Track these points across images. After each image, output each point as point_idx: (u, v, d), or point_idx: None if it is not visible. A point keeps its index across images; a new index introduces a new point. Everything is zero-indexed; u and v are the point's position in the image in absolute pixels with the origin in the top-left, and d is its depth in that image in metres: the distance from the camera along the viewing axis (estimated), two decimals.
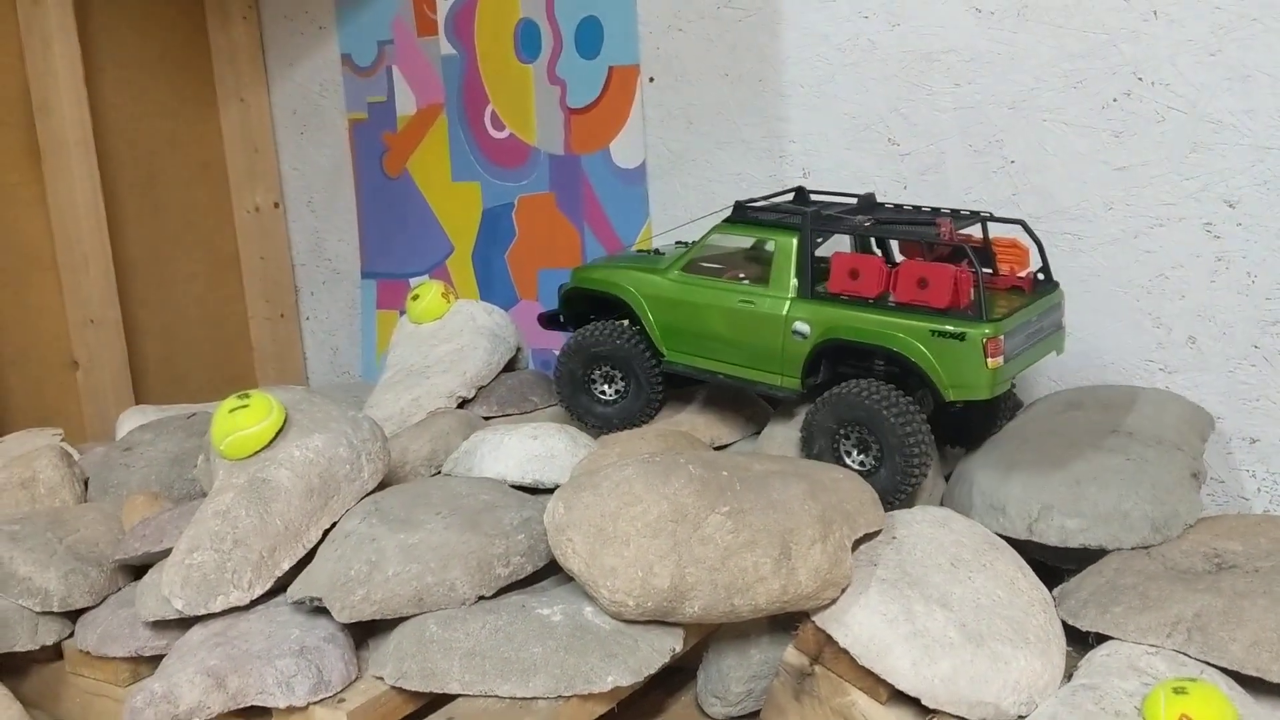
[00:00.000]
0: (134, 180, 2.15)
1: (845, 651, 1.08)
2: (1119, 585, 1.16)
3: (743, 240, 1.44)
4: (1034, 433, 1.39)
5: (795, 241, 1.31)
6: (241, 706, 1.06)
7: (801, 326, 1.30)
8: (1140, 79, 1.49)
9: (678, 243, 1.60)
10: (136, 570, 1.35)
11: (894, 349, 1.23)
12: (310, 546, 1.19)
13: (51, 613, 1.28)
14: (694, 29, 1.78)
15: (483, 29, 2.00)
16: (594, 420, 1.46)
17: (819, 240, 1.33)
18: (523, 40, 1.96)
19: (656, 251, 1.54)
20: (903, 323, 1.23)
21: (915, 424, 1.23)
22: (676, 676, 1.27)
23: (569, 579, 1.17)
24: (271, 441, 1.22)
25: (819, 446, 1.28)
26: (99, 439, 2.01)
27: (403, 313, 1.79)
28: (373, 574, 1.10)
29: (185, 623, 1.18)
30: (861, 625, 1.07)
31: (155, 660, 1.21)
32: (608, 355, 1.43)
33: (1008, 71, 1.56)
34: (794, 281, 1.31)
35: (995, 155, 1.59)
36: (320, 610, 1.13)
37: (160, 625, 1.19)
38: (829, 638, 1.09)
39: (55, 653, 1.30)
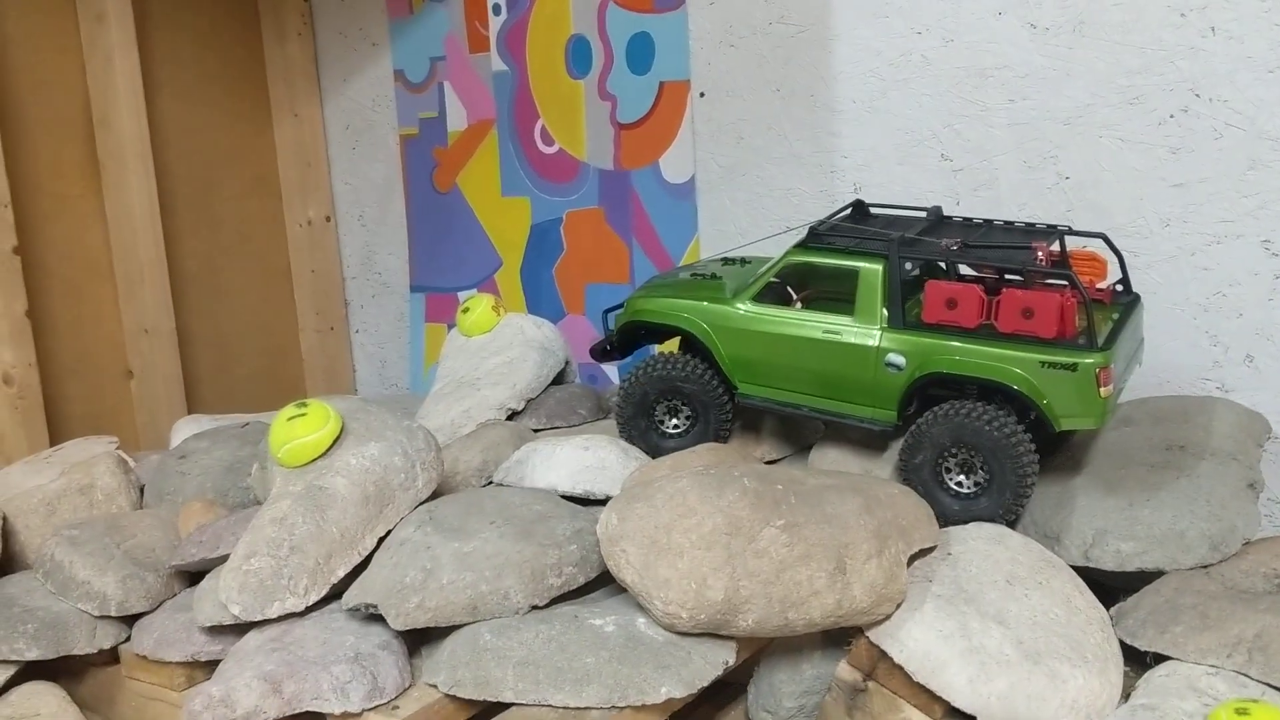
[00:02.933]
0: (190, 193, 2.18)
1: (900, 668, 1.07)
2: (1178, 605, 1.14)
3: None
4: (1086, 454, 1.37)
5: (882, 269, 1.26)
6: (297, 712, 1.06)
7: (896, 359, 1.25)
8: (1198, 95, 1.47)
9: (725, 259, 1.58)
10: (192, 576, 1.36)
11: (1004, 382, 1.19)
12: (365, 554, 1.20)
13: (109, 617, 1.29)
14: (745, 44, 1.79)
15: (534, 45, 2.02)
16: (658, 454, 1.39)
17: (908, 268, 1.27)
18: (574, 56, 1.97)
19: (713, 276, 1.47)
20: (1011, 354, 1.19)
21: (1030, 452, 1.20)
22: (726, 690, 1.27)
23: (620, 590, 1.17)
24: (328, 450, 1.24)
25: (923, 460, 1.24)
26: (152, 447, 2.04)
27: (452, 325, 1.80)
28: (428, 582, 1.10)
29: (241, 628, 1.19)
30: (917, 641, 1.06)
31: (211, 665, 1.23)
32: (674, 389, 1.38)
33: (1063, 87, 1.55)
34: (883, 311, 1.26)
35: (1050, 171, 1.58)
36: (375, 617, 1.14)
37: (216, 630, 1.21)
38: (883, 653, 1.09)
39: (111, 656, 1.31)
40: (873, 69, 1.69)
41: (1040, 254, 1.23)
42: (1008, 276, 1.25)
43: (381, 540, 1.21)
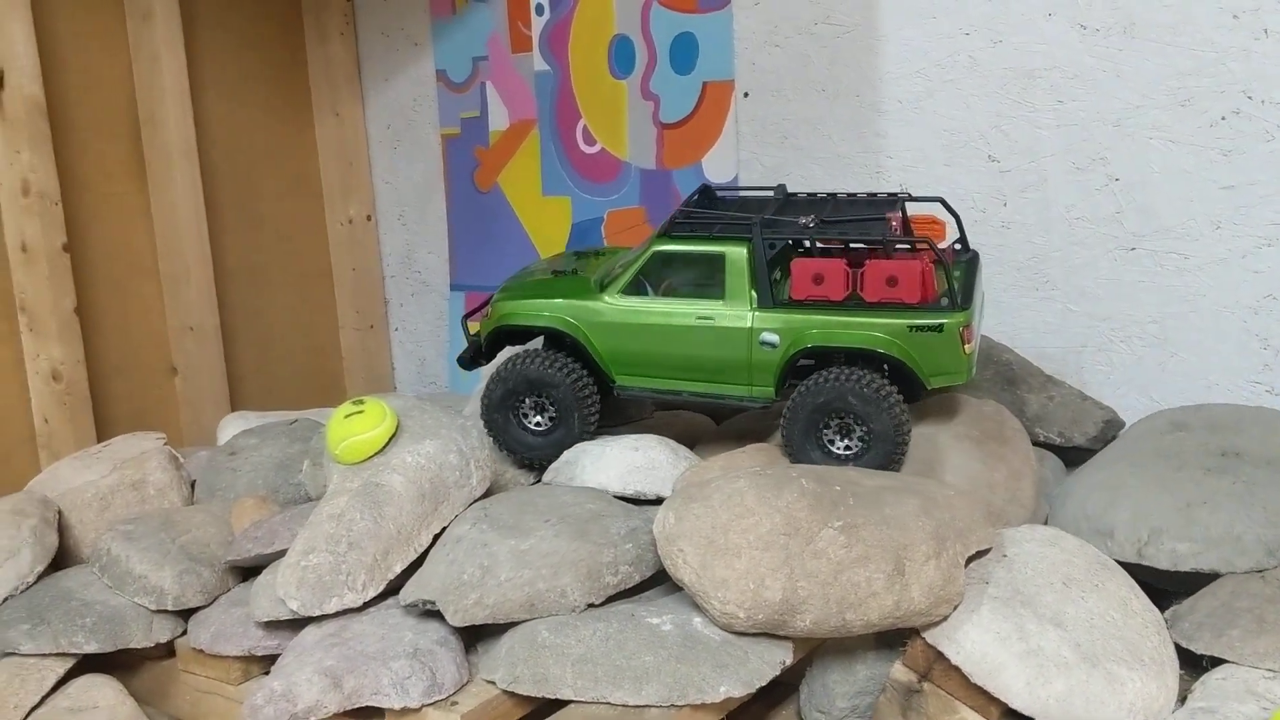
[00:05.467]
0: (233, 192, 2.20)
1: (956, 669, 1.07)
2: (1234, 608, 1.14)
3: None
4: (1140, 454, 1.37)
5: (746, 251, 1.30)
6: (356, 706, 1.07)
7: (770, 337, 1.29)
8: (1250, 97, 1.46)
9: (578, 253, 1.57)
10: (244, 571, 1.38)
11: (877, 349, 1.25)
12: (421, 550, 1.21)
13: (165, 611, 1.31)
14: (790, 45, 1.79)
15: (577, 45, 2.02)
16: (523, 451, 1.40)
17: (770, 248, 1.30)
18: (616, 56, 1.98)
19: (574, 271, 1.46)
20: (880, 322, 1.25)
21: (901, 407, 1.26)
22: (777, 690, 1.27)
23: (674, 588, 1.18)
24: (384, 447, 1.25)
25: (798, 434, 1.29)
26: (196, 443, 2.06)
27: None
28: (485, 579, 1.11)
29: (297, 623, 1.20)
30: (974, 643, 1.06)
31: (267, 659, 1.24)
32: (541, 386, 1.37)
33: (1113, 89, 1.55)
34: (752, 292, 1.30)
35: (1099, 173, 1.57)
36: (431, 613, 1.15)
37: (272, 625, 1.22)
38: (939, 654, 1.09)
39: (166, 650, 1.33)
40: (919, 69, 1.68)
41: (894, 223, 1.29)
42: (860, 246, 1.34)
43: (437, 537, 1.22)
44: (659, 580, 1.19)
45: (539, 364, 1.36)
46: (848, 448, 1.29)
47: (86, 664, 1.30)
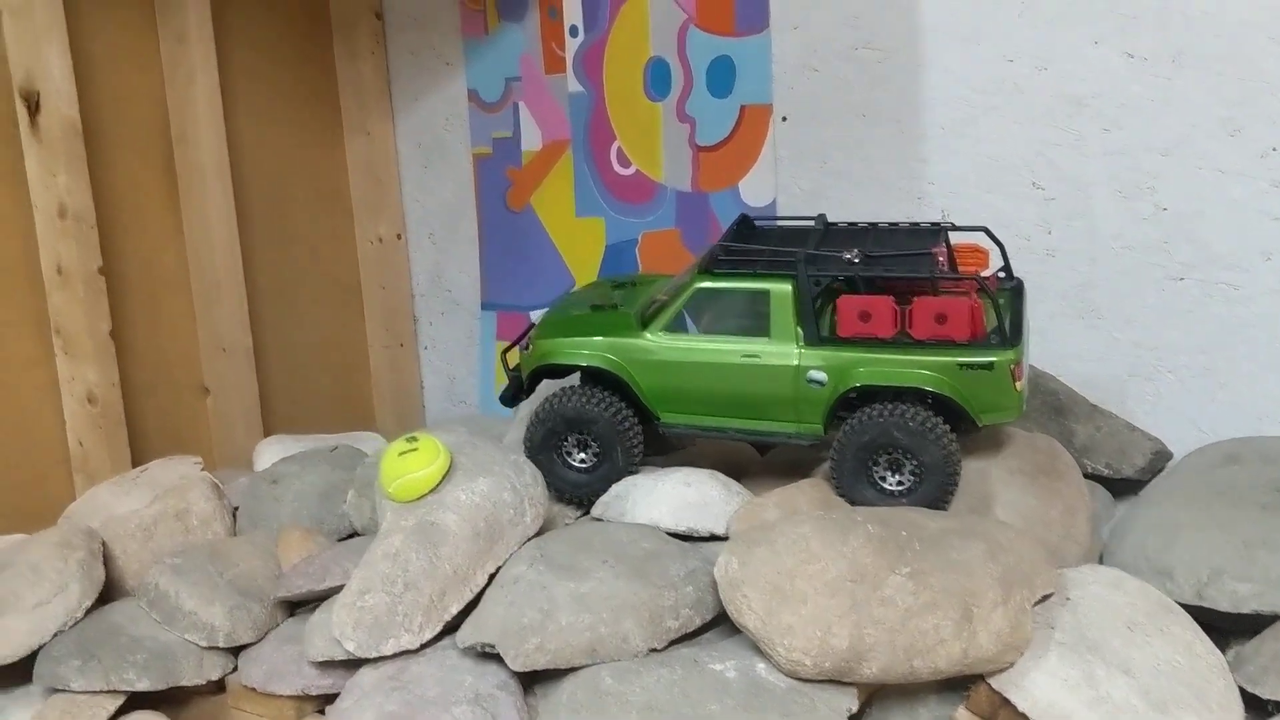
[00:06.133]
0: (264, 210, 2.19)
1: (1024, 716, 1.06)
2: None
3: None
4: (1194, 489, 1.36)
5: (792, 288, 1.29)
6: None
7: (818, 375, 1.28)
8: None
9: (614, 283, 1.56)
10: (292, 605, 1.37)
11: (927, 388, 1.24)
12: (477, 591, 1.20)
13: (216, 648, 1.30)
14: (830, 69, 1.78)
15: (612, 67, 2.01)
16: (570, 489, 1.39)
17: (815, 284, 1.29)
18: (652, 78, 1.97)
19: (614, 306, 1.45)
20: (930, 360, 1.24)
21: (950, 438, 1.25)
22: None
23: (731, 632, 1.17)
24: (438, 485, 1.24)
25: (849, 471, 1.28)
26: (228, 465, 2.05)
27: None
28: (546, 623, 1.10)
29: (351, 663, 1.20)
30: (1042, 690, 1.05)
31: (321, 699, 1.23)
32: (584, 424, 1.36)
33: (1161, 117, 1.54)
34: (798, 329, 1.29)
35: (1146, 201, 1.56)
36: (489, 656, 1.14)
37: (327, 665, 1.21)
38: (1005, 700, 1.08)
39: (214, 686, 1.32)
40: (962, 95, 1.68)
41: (940, 258, 1.28)
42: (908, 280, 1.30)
43: (492, 577, 1.21)
44: (714, 623, 1.18)
45: (577, 401, 1.36)
46: (900, 483, 1.28)
47: (135, 700, 1.29)
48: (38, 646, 1.30)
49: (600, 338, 1.38)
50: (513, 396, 1.49)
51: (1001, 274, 1.40)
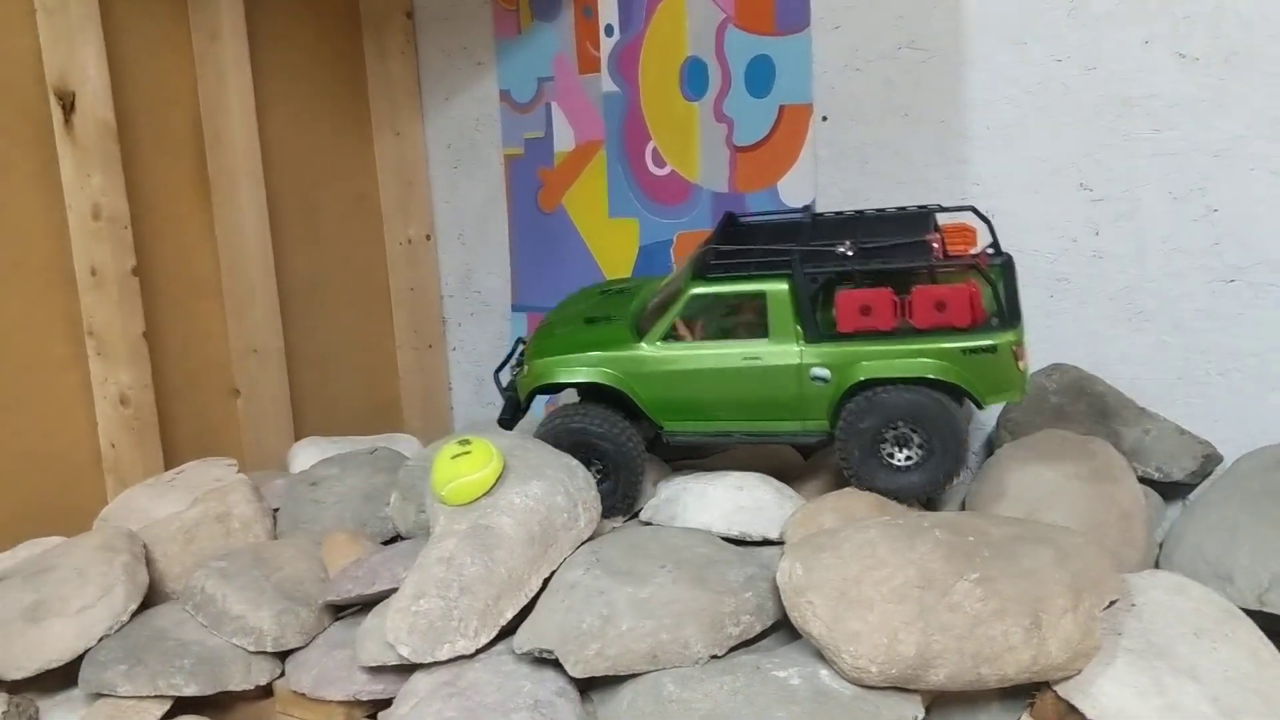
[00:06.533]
0: (294, 212, 2.18)
1: None
2: None
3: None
4: (1250, 493, 1.34)
5: (788, 286, 1.28)
6: None
7: (821, 372, 1.28)
8: None
9: (603, 290, 1.53)
10: (337, 609, 1.35)
11: (934, 376, 1.25)
12: (531, 595, 1.18)
13: (264, 652, 1.28)
14: (872, 69, 1.76)
15: (647, 67, 2.00)
16: None
17: (812, 281, 1.28)
18: (689, 78, 1.95)
19: (608, 318, 1.43)
20: (932, 348, 1.24)
21: (957, 409, 1.26)
22: None
23: (789, 639, 1.15)
24: (491, 489, 1.22)
25: (857, 454, 1.28)
26: (258, 467, 2.04)
27: None
28: (605, 629, 1.09)
29: (403, 669, 1.18)
30: (1110, 698, 1.04)
31: (371, 704, 1.22)
32: (589, 444, 1.35)
33: (1212, 118, 1.52)
34: (797, 328, 1.28)
35: (1197, 203, 1.55)
36: (545, 661, 1.13)
37: (378, 670, 1.19)
38: (1071, 708, 1.06)
39: (261, 691, 1.30)
40: (1009, 96, 1.66)
41: (934, 245, 1.28)
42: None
43: (546, 581, 1.20)
44: (773, 630, 1.16)
45: (582, 423, 1.35)
46: (908, 458, 1.28)
47: (180, 705, 1.27)
48: (83, 651, 1.28)
49: (597, 352, 1.36)
50: (510, 418, 1.47)
51: (990, 250, 1.38)
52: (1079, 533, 1.16)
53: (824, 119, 1.83)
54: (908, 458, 1.28)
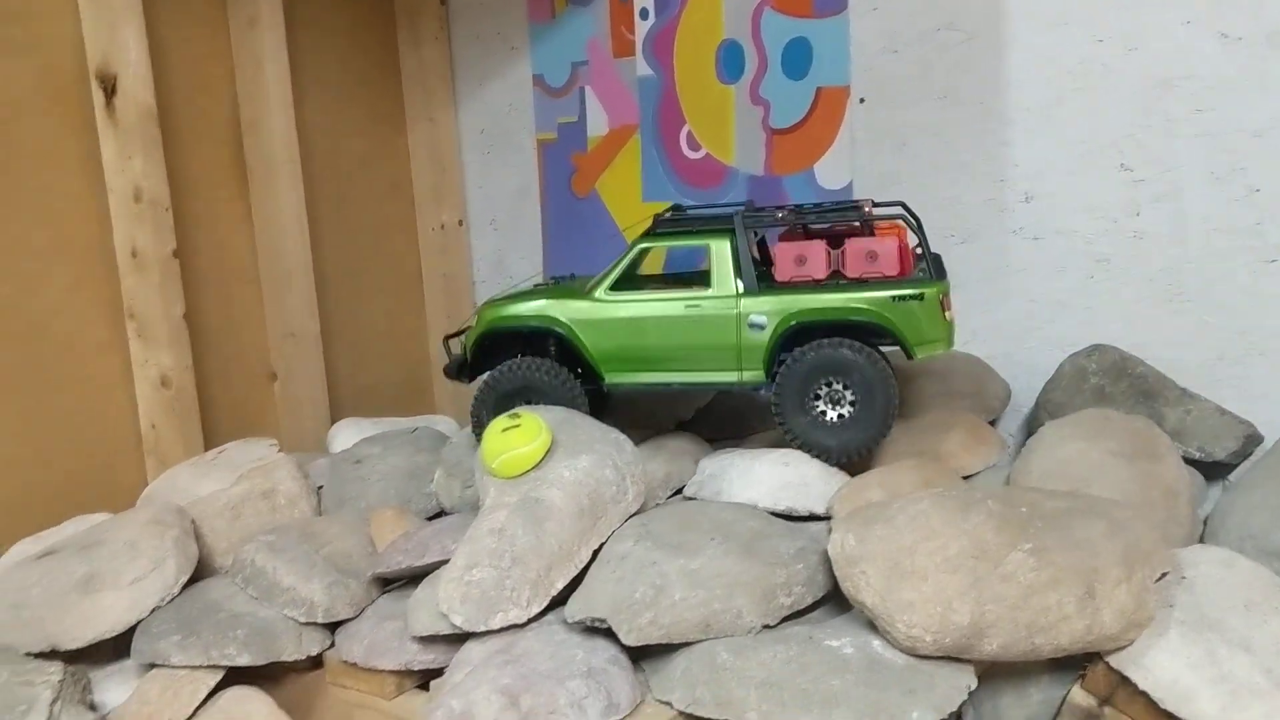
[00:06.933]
0: (330, 198, 2.20)
1: (1143, 694, 1.05)
2: None
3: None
4: None
5: (730, 241, 1.35)
6: None
7: (758, 319, 1.33)
8: None
9: (554, 278, 1.60)
10: (385, 582, 1.37)
11: (865, 320, 1.30)
12: (581, 566, 1.19)
13: (315, 623, 1.30)
14: (911, 51, 1.76)
15: (683, 50, 2.00)
16: None
17: (753, 236, 1.37)
18: (725, 61, 1.96)
19: (556, 281, 1.53)
20: (864, 295, 1.30)
21: (887, 363, 1.31)
22: None
23: (839, 610, 1.16)
24: (540, 462, 1.23)
25: (790, 408, 1.33)
26: (295, 449, 2.05)
27: None
28: (659, 598, 1.10)
29: (453, 639, 1.19)
30: (1163, 668, 1.04)
31: (422, 674, 1.23)
32: (534, 390, 1.41)
33: (1255, 98, 1.52)
34: (737, 279, 1.34)
35: (1238, 183, 1.54)
36: (596, 631, 1.14)
37: (429, 640, 1.21)
38: (1123, 679, 1.06)
39: (310, 662, 1.32)
40: (1048, 77, 1.66)
41: (868, 209, 1.37)
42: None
43: (595, 553, 1.21)
44: (822, 601, 1.17)
45: (524, 371, 1.41)
46: (840, 416, 1.32)
47: (230, 676, 1.29)
48: (136, 622, 1.30)
49: (545, 300, 1.43)
50: (457, 370, 1.51)
51: (918, 250, 1.43)
52: (1129, 506, 1.16)
53: (861, 101, 1.83)
54: (839, 415, 1.32)
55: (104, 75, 1.79)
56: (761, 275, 1.36)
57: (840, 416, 1.32)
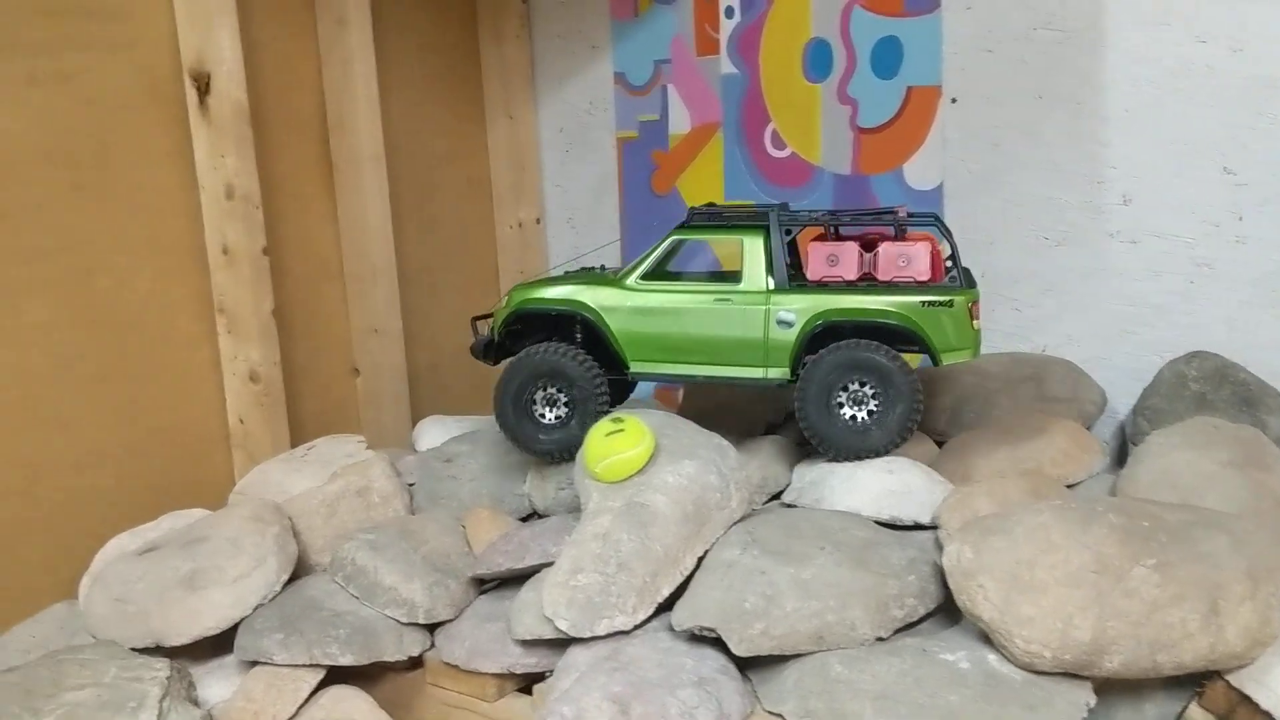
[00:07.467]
0: (411, 195, 2.21)
1: (1266, 714, 1.02)
2: None
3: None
4: None
5: (763, 238, 1.36)
6: None
7: (786, 315, 1.34)
8: None
9: (585, 268, 1.59)
10: (480, 583, 1.37)
11: (893, 323, 1.30)
12: (686, 574, 1.19)
13: (415, 624, 1.30)
14: (1005, 50, 1.74)
15: (769, 48, 1.99)
16: (540, 447, 1.43)
17: (786, 233, 1.36)
18: (812, 59, 1.94)
19: (585, 269, 1.52)
20: (894, 299, 1.31)
21: (911, 369, 1.31)
22: None
23: (949, 623, 1.14)
24: (644, 467, 1.23)
25: (814, 407, 1.32)
26: (375, 444, 2.06)
27: None
28: (770, 608, 1.09)
29: (556, 643, 1.19)
30: None
31: (523, 677, 1.23)
32: (557, 373, 1.41)
33: None
34: (768, 276, 1.35)
35: None
36: (703, 640, 1.13)
37: (531, 643, 1.21)
38: (1243, 698, 1.04)
39: (409, 663, 1.33)
40: (1149, 77, 1.63)
41: (901, 213, 1.35)
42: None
43: (699, 560, 1.20)
44: (932, 613, 1.15)
45: (549, 355, 1.40)
46: (861, 417, 1.32)
47: (331, 675, 1.30)
48: (239, 619, 1.31)
49: (574, 285, 1.43)
50: (484, 349, 1.52)
51: (949, 264, 1.39)
52: (1250, 519, 1.14)
53: (953, 101, 1.80)
54: (870, 413, 1.32)
55: (198, 74, 1.81)
56: (791, 276, 1.37)
57: (861, 417, 1.32)
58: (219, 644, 1.34)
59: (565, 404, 1.42)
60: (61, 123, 1.68)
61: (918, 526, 1.27)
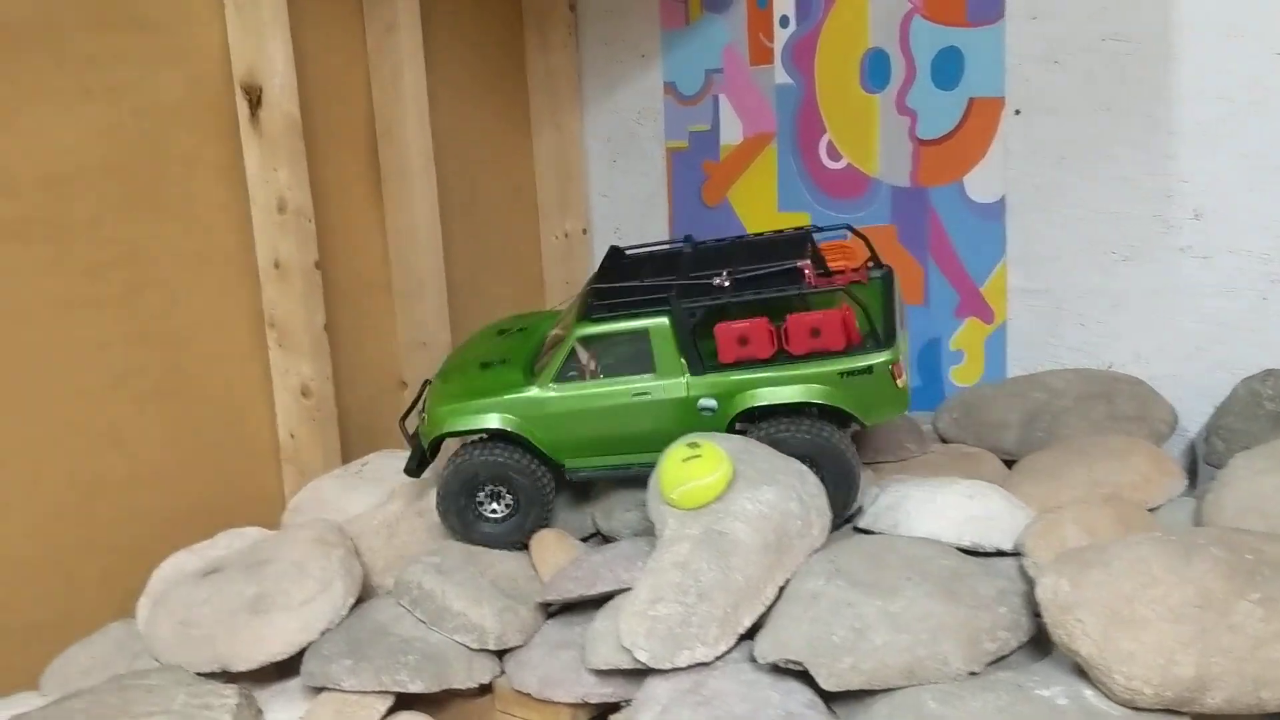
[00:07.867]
0: (458, 205, 2.19)
1: None
2: None
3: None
4: None
5: (670, 321, 1.31)
6: None
7: (708, 403, 1.32)
8: None
9: (500, 331, 1.58)
10: (548, 609, 1.35)
11: (813, 401, 1.29)
12: (768, 604, 1.16)
13: (486, 650, 1.28)
14: (1072, 61, 1.70)
15: (824, 58, 1.96)
16: (475, 540, 1.43)
17: (691, 315, 1.31)
18: (870, 70, 1.91)
19: (502, 360, 1.47)
20: (811, 373, 1.29)
21: (849, 442, 1.31)
22: None
23: (1039, 656, 1.12)
24: (722, 493, 1.20)
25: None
26: None
27: None
28: (859, 642, 1.06)
29: (632, 674, 1.17)
30: None
31: (598, 707, 1.21)
32: (504, 476, 1.40)
33: None
34: (681, 361, 1.32)
35: None
36: (785, 672, 1.11)
37: (606, 673, 1.18)
38: None
39: (476, 689, 1.30)
40: (1222, 91, 1.59)
41: (806, 272, 1.30)
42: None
43: (781, 590, 1.18)
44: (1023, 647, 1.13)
45: (493, 456, 1.39)
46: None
47: (397, 701, 1.28)
48: (306, 644, 1.30)
49: (493, 398, 1.39)
50: (418, 465, 1.49)
51: (871, 264, 1.39)
52: None
53: (1017, 112, 1.77)
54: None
55: (249, 86, 1.80)
56: (706, 353, 1.32)
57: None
58: (283, 668, 1.33)
59: (510, 497, 1.41)
60: (114, 136, 1.67)
61: (999, 553, 1.24)
